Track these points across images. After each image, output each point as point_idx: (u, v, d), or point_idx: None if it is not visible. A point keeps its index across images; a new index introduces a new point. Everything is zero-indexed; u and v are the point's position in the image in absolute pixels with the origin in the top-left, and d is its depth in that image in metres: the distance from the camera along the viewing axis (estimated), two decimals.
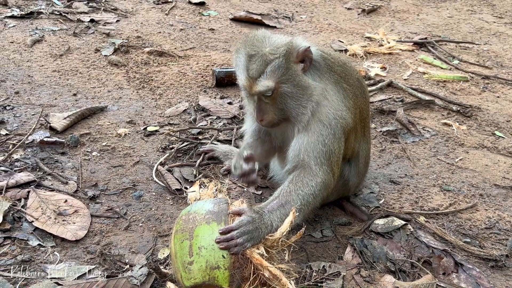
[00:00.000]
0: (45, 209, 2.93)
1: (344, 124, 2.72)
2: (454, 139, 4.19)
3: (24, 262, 2.56)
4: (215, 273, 2.15)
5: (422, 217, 3.18)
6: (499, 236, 3.10)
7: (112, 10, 6.44)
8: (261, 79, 2.53)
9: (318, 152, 2.63)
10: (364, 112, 3.00)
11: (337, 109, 2.70)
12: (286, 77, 2.55)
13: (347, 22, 7.07)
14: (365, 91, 3.03)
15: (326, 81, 2.70)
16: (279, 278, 2.14)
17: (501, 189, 3.56)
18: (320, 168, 2.63)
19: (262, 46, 2.56)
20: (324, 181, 2.63)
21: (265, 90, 2.55)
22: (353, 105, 2.81)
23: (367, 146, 3.15)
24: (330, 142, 2.66)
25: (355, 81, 2.88)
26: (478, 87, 5.24)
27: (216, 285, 2.16)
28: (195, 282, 2.16)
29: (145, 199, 3.17)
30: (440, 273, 2.74)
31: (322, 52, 2.77)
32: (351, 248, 2.86)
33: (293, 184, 2.57)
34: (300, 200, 2.52)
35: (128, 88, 4.58)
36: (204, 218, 2.27)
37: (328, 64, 2.75)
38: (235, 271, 2.17)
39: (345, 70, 2.83)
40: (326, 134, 2.66)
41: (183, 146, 3.72)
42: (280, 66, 2.53)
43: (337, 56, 2.89)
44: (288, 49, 2.54)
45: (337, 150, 2.70)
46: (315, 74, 2.68)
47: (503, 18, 7.72)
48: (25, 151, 3.48)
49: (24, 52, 5.01)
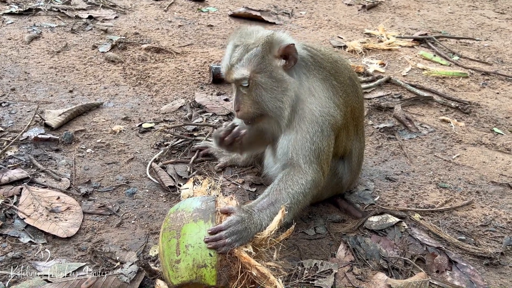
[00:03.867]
0: (38, 206, 2.92)
1: (332, 121, 2.69)
2: (452, 135, 4.15)
3: (15, 259, 2.56)
4: (202, 272, 2.14)
5: (417, 215, 3.15)
6: (495, 233, 3.07)
7: (110, 6, 6.42)
8: (237, 66, 2.56)
9: (306, 150, 2.61)
10: (356, 111, 2.97)
11: (324, 106, 2.67)
12: (260, 67, 2.56)
13: (347, 18, 7.03)
14: (358, 90, 2.99)
15: (313, 77, 2.68)
16: (267, 277, 2.13)
17: (498, 186, 3.53)
18: (310, 166, 2.61)
19: (248, 38, 2.60)
20: (314, 180, 2.61)
21: (240, 78, 2.57)
22: (344, 103, 2.78)
23: (360, 145, 3.13)
24: (319, 139, 2.63)
25: (346, 79, 2.84)
26: (477, 84, 5.20)
27: (203, 284, 2.15)
28: (182, 280, 2.15)
29: (138, 196, 3.16)
30: (433, 271, 2.72)
31: (311, 49, 2.75)
32: (344, 245, 2.84)
33: (283, 182, 2.55)
34: (290, 199, 2.50)
35: (124, 84, 4.56)
36: (191, 216, 2.26)
37: (317, 60, 2.72)
38: (222, 269, 2.15)
39: (335, 67, 2.80)
40: (314, 131, 2.63)
41: (177, 143, 3.70)
42: (256, 55, 2.55)
43: (328, 53, 2.86)
44: (268, 40, 2.57)
45: (326, 148, 2.67)
46: (301, 71, 2.66)
47: (505, 14, 7.66)
48: (19, 148, 3.47)
49: (21, 49, 5.01)
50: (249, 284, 2.17)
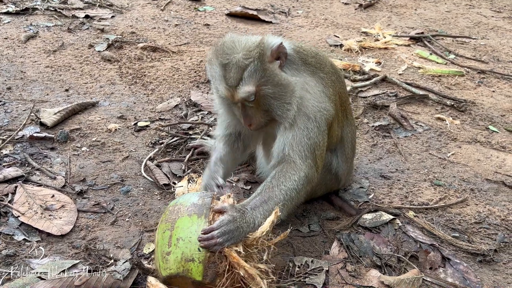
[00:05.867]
0: (32, 204, 2.93)
1: (327, 115, 2.71)
2: (447, 133, 4.16)
3: (9, 257, 2.56)
4: (189, 266, 2.15)
5: (411, 212, 3.16)
6: (489, 230, 3.08)
7: (107, 6, 6.43)
8: (241, 86, 2.49)
9: (303, 146, 2.61)
10: (343, 96, 3.01)
11: (320, 101, 2.68)
12: (265, 79, 2.52)
13: (344, 17, 7.03)
14: (339, 74, 3.04)
15: (303, 73, 2.69)
16: (254, 278, 2.14)
17: (492, 184, 3.54)
18: (304, 162, 2.61)
19: (234, 52, 2.50)
20: (307, 175, 2.61)
21: (247, 96, 2.51)
22: (333, 93, 2.80)
23: (351, 129, 3.14)
24: (315, 135, 2.64)
25: (329, 69, 2.88)
26: (473, 82, 5.20)
27: (189, 278, 2.16)
28: (170, 272, 2.18)
29: (132, 194, 3.16)
30: (426, 268, 2.73)
31: (294, 46, 2.76)
32: (338, 242, 2.84)
33: (276, 179, 2.55)
34: (283, 195, 2.50)
35: (120, 83, 4.57)
36: (187, 210, 2.28)
37: (302, 57, 2.74)
38: (209, 265, 2.17)
39: (318, 60, 2.83)
40: (311, 127, 2.64)
41: (173, 141, 3.71)
42: (257, 69, 2.48)
43: (308, 48, 2.88)
44: (261, 50, 2.50)
45: (322, 143, 2.68)
46: (292, 69, 2.67)
47: (501, 13, 7.66)
48: (15, 147, 3.48)
49: (18, 48, 5.01)
50: (237, 283, 2.18)
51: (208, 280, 2.16)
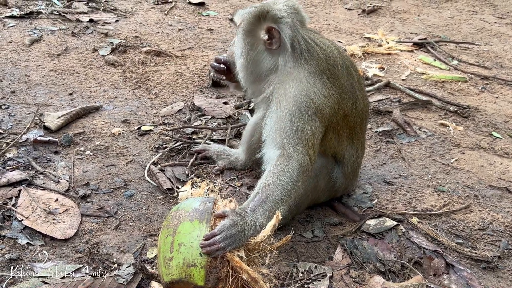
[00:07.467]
0: (36, 208, 2.93)
1: (313, 106, 2.62)
2: (450, 139, 4.16)
3: (12, 261, 2.57)
4: (191, 271, 2.16)
5: (415, 218, 3.15)
6: (492, 237, 3.07)
7: (111, 10, 6.45)
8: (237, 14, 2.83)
9: (288, 131, 2.57)
10: (351, 120, 2.93)
11: (306, 90, 2.63)
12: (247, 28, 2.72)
13: (347, 22, 7.05)
14: (358, 102, 2.94)
15: (307, 67, 2.69)
16: (257, 282, 2.14)
17: (496, 190, 3.53)
18: (294, 149, 2.55)
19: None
20: (301, 164, 2.54)
21: (234, 19, 2.83)
22: (335, 101, 2.74)
23: (356, 154, 3.08)
24: (298, 120, 2.58)
25: (345, 84, 2.83)
26: (476, 88, 5.20)
27: (191, 283, 2.16)
28: (172, 278, 2.18)
29: (136, 198, 3.17)
30: (430, 274, 2.72)
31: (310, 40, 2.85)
32: (341, 248, 2.84)
33: (271, 175, 2.51)
34: (281, 191, 2.46)
35: (124, 87, 4.58)
36: (188, 215, 2.29)
37: (314, 56, 2.74)
38: (211, 270, 2.17)
39: (332, 69, 2.78)
40: (292, 111, 2.59)
41: (176, 146, 3.72)
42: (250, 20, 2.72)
43: (329, 51, 2.83)
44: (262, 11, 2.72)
45: (310, 132, 2.60)
46: (290, 60, 2.70)
47: (504, 19, 7.67)
48: (18, 150, 3.49)
49: (22, 52, 5.03)
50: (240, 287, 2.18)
51: (210, 285, 2.16)
